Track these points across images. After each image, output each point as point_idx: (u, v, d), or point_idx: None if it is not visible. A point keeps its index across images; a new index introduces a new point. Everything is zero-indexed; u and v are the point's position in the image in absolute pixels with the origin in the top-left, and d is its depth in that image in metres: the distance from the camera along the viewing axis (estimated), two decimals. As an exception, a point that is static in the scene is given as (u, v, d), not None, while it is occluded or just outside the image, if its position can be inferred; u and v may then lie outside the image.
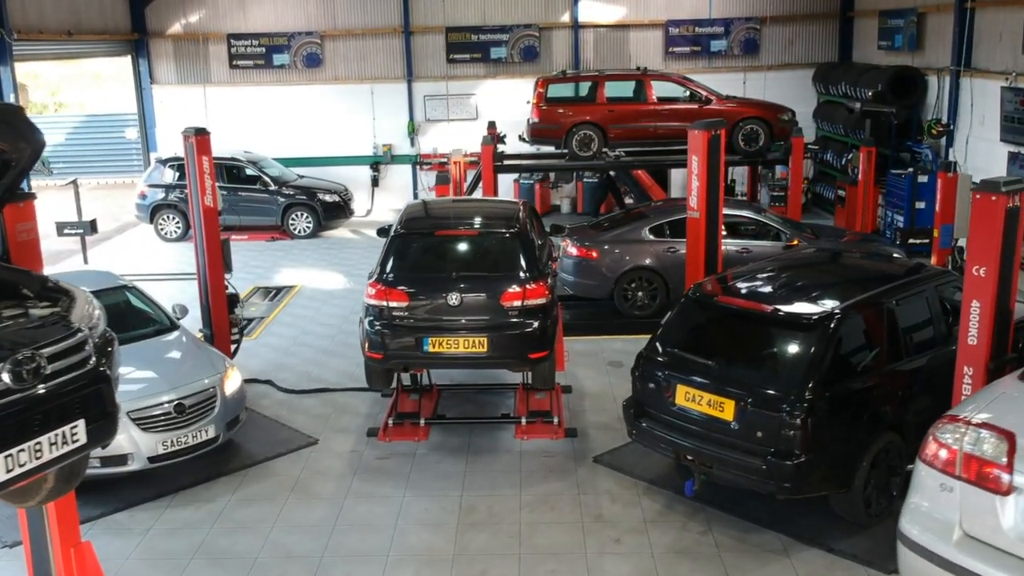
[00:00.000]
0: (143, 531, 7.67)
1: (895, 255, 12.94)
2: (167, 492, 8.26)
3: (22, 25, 16.42)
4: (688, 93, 16.70)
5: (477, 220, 9.35)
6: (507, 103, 20.61)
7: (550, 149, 17.44)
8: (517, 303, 8.33)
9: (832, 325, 7.12)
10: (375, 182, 22.30)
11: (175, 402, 8.16)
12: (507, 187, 21.15)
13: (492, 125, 18.62)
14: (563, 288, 13.46)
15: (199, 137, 10.05)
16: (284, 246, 19.00)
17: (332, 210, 19.85)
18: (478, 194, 16.63)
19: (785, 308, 7.42)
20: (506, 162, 17.01)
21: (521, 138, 17.34)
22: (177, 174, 19.44)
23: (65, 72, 40.82)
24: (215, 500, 8.17)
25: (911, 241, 14.06)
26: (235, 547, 7.42)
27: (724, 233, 12.72)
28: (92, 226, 16.02)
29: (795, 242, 12.82)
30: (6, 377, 4.02)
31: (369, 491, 8.28)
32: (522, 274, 8.50)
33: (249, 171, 19.69)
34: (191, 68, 22.17)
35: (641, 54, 21.78)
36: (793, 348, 7.20)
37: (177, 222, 19.24)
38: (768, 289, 7.96)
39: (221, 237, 10.44)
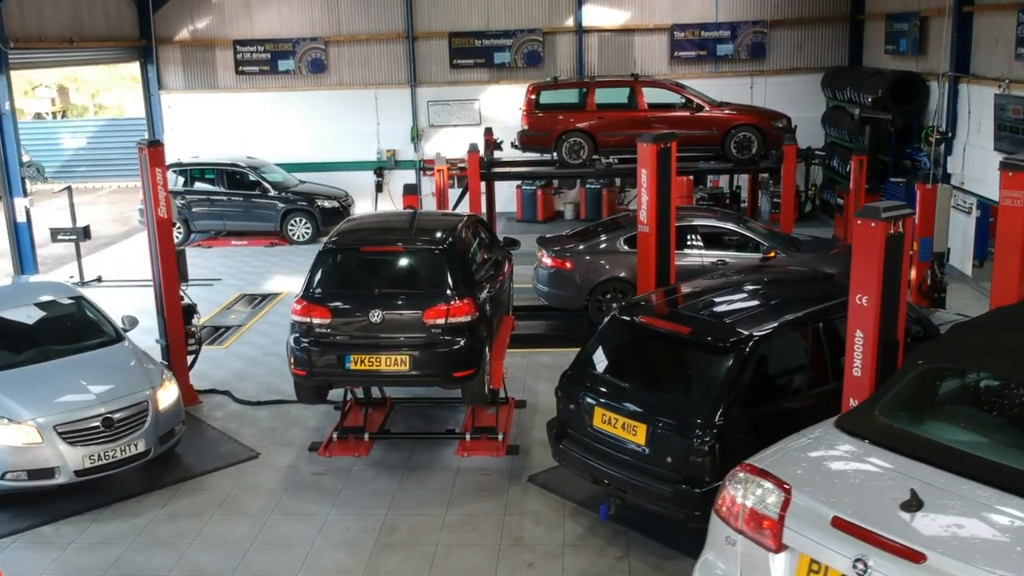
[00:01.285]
0: (64, 545, 7.68)
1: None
2: (98, 505, 8.27)
3: (20, 33, 16.68)
4: (681, 100, 16.46)
5: (407, 236, 9.18)
6: (510, 108, 20.42)
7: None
8: (441, 321, 8.20)
9: (748, 348, 6.88)
10: (379, 187, 22.32)
11: (102, 416, 8.15)
12: (508, 194, 21.05)
13: (488, 131, 18.53)
14: (537, 299, 13.36)
15: (152, 149, 10.07)
16: (282, 251, 19.10)
17: (331, 216, 19.86)
18: (465, 205, 16.48)
19: (702, 330, 7.20)
20: (494, 170, 16.89)
21: (514, 145, 17.21)
22: (181, 179, 19.73)
23: (105, 75, 41.58)
24: (143, 514, 8.17)
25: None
26: (149, 563, 7.40)
27: (700, 244, 12.67)
28: (85, 232, 16.26)
29: (772, 254, 12.54)
30: None
31: (296, 508, 8.22)
32: (448, 291, 8.35)
33: (250, 176, 19.84)
34: (198, 74, 22.40)
35: (646, 59, 21.54)
36: (707, 372, 6.97)
37: (177, 227, 19.40)
38: (695, 310, 7.73)
39: (178, 248, 10.50)
